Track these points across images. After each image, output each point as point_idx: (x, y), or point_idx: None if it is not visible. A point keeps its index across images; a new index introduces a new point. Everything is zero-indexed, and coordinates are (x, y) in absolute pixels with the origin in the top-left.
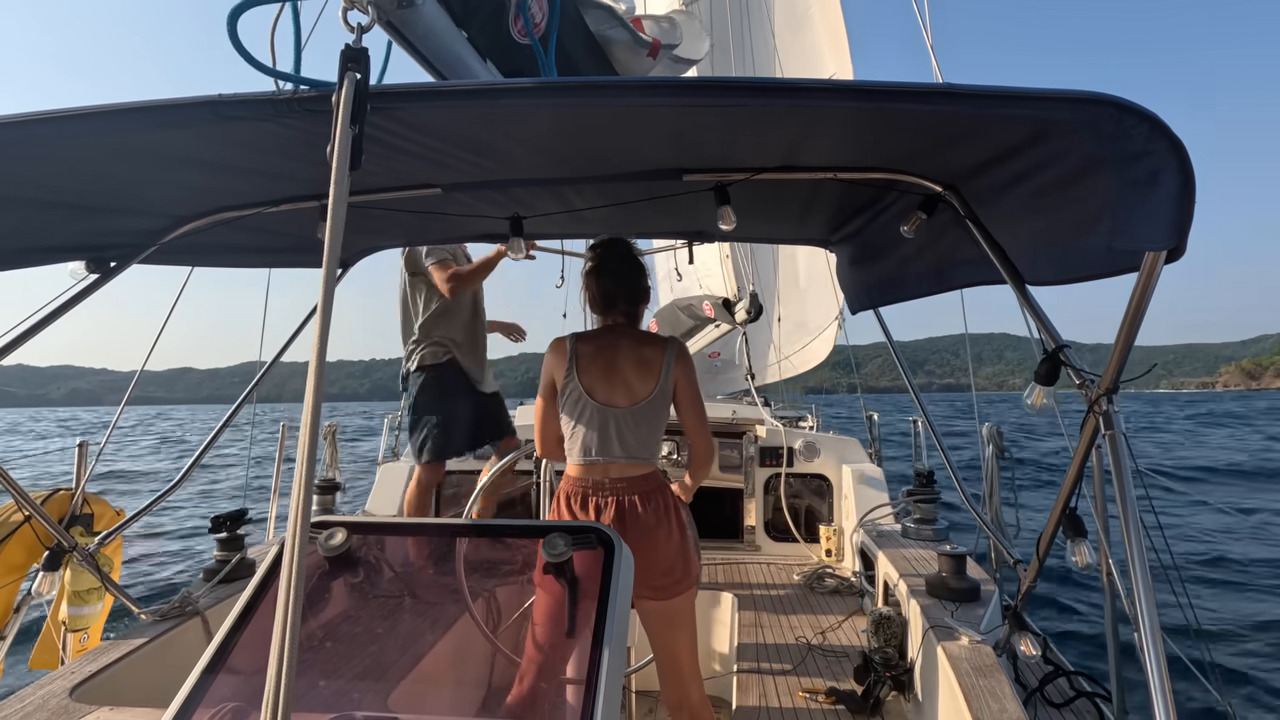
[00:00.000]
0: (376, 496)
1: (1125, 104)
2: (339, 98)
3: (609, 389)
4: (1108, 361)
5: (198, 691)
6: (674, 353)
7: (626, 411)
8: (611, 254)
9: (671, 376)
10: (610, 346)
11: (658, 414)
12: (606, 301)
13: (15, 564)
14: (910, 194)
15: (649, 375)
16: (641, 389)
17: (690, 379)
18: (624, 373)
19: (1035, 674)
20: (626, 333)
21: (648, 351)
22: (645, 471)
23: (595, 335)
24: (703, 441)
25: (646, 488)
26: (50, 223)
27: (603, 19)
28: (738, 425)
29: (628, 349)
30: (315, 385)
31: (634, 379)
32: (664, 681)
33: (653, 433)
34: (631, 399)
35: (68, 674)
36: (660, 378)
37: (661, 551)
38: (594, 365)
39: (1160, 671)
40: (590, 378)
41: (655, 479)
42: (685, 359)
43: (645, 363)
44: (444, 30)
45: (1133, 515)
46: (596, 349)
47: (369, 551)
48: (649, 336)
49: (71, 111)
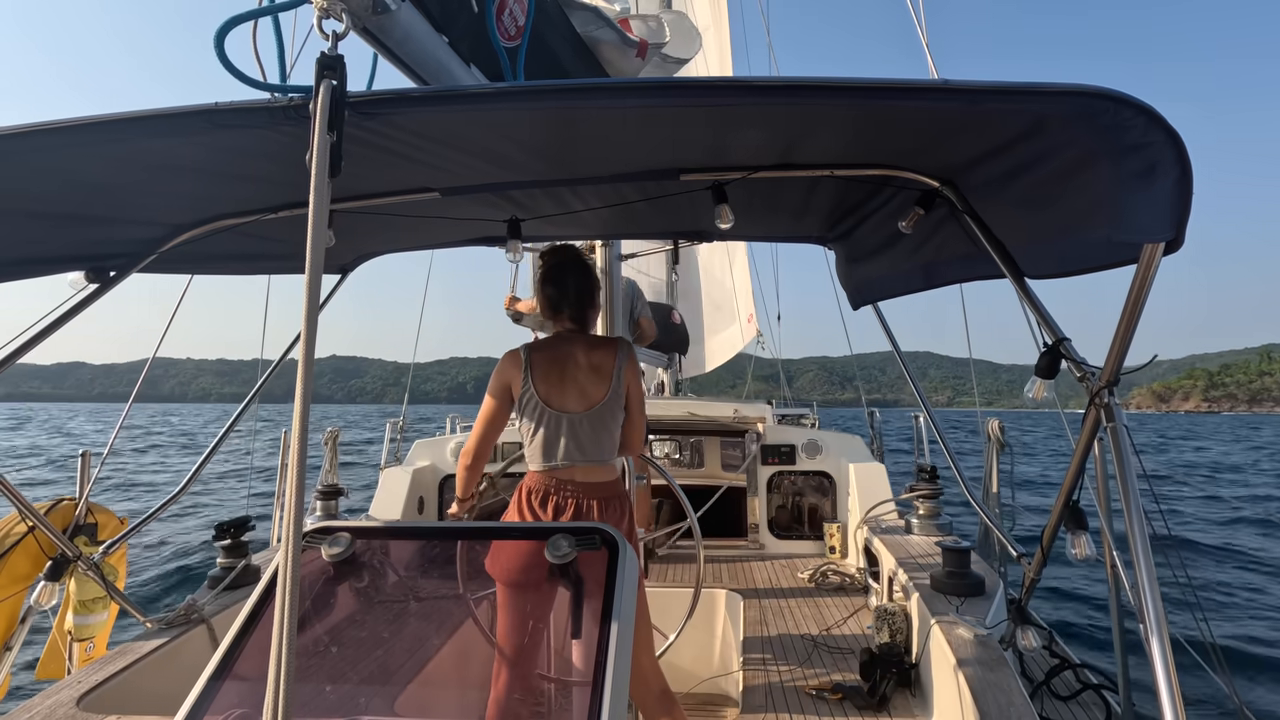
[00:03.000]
0: (379, 501)
1: (1122, 97)
2: (315, 105)
3: (563, 395)
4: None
5: (204, 699)
6: (624, 356)
7: (582, 416)
8: (559, 262)
9: (624, 379)
10: (563, 354)
11: (613, 416)
12: (554, 308)
13: (20, 574)
14: (908, 190)
15: (601, 380)
16: (596, 393)
17: (638, 380)
18: (577, 378)
19: (1041, 667)
20: (577, 339)
21: (598, 356)
22: (606, 478)
23: (548, 344)
24: (637, 440)
25: (605, 495)
26: (49, 233)
27: (589, 20)
28: (740, 423)
29: (580, 355)
30: (304, 391)
31: (587, 384)
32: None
33: (609, 434)
34: (586, 403)
35: (75, 683)
36: (613, 381)
37: None
38: (549, 373)
39: (1166, 662)
40: (546, 385)
41: (615, 486)
42: (634, 361)
43: (596, 368)
44: (423, 35)
45: (1135, 507)
46: (550, 357)
47: (372, 556)
48: (599, 341)
49: (68, 122)
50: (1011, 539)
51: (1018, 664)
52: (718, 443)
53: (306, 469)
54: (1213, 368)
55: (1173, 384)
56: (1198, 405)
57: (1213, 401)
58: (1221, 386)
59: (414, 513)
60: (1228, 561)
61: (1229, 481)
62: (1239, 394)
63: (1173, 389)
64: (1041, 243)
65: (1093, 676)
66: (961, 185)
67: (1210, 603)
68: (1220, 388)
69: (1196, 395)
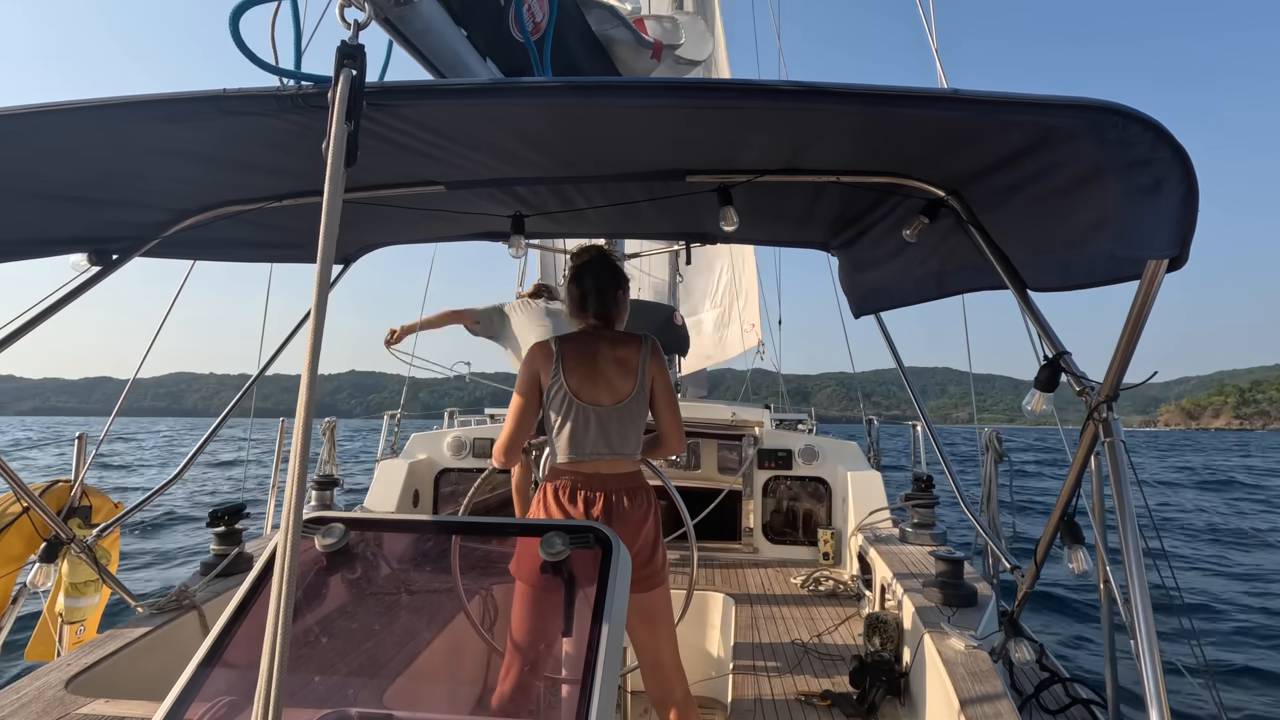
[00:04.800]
0: (375, 493)
1: (1130, 112)
2: (334, 94)
3: (594, 388)
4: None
5: (193, 685)
6: (649, 350)
7: (610, 410)
8: (589, 262)
9: (649, 374)
10: (591, 348)
11: (640, 410)
12: (582, 306)
13: (13, 555)
14: (913, 198)
15: (628, 374)
16: (623, 387)
17: (664, 374)
18: (606, 373)
19: (1031, 680)
20: (604, 334)
21: (624, 351)
22: (630, 469)
23: (577, 338)
24: (675, 435)
25: (632, 485)
26: (53, 215)
27: (604, 18)
28: (737, 427)
29: (606, 350)
30: (309, 381)
31: (615, 378)
32: (648, 679)
33: (635, 429)
34: (615, 397)
35: (64, 666)
36: (639, 375)
37: (643, 544)
38: (579, 366)
39: (1156, 679)
40: (576, 378)
41: (638, 477)
42: (659, 356)
43: (623, 362)
44: (442, 28)
45: (1130, 522)
46: (580, 351)
47: (366, 548)
48: (624, 337)
49: (75, 104)
50: (1006, 551)
51: (1008, 676)
52: (715, 445)
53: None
54: (1243, 384)
55: (1202, 401)
56: (1229, 422)
57: (1244, 419)
58: (1254, 403)
59: (409, 505)
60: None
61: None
62: (1272, 411)
63: (1202, 406)
64: (1045, 255)
65: (1083, 691)
66: (967, 195)
67: (1204, 618)
68: (1252, 404)
69: (1228, 412)
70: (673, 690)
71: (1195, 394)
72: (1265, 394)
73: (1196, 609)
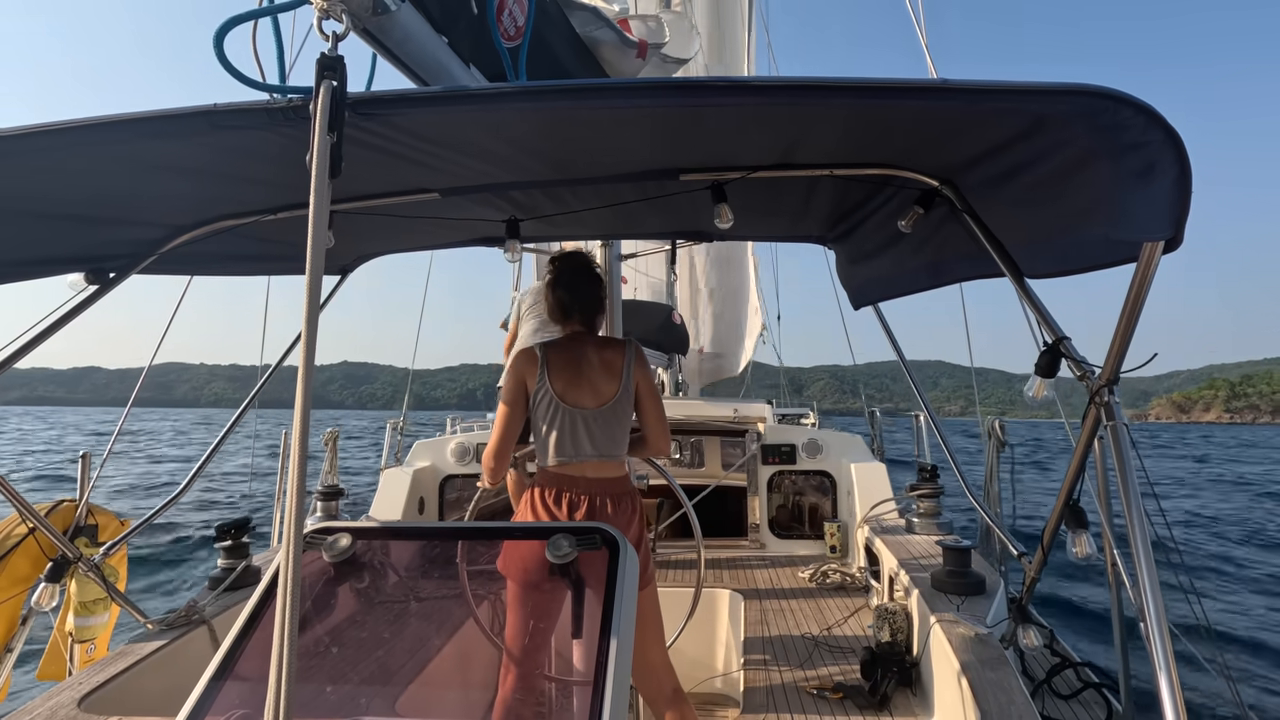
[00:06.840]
0: (379, 501)
1: (1121, 96)
2: (315, 106)
3: (579, 392)
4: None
5: (205, 700)
6: (633, 354)
7: (595, 412)
8: (568, 268)
9: (633, 377)
10: (576, 352)
11: (625, 412)
12: (564, 311)
13: (21, 576)
14: (907, 189)
15: (613, 377)
16: (607, 390)
17: (648, 377)
18: (590, 376)
19: (1042, 665)
20: (587, 339)
21: (609, 355)
22: (616, 474)
23: (562, 343)
24: (660, 435)
25: (617, 490)
26: (48, 235)
27: (588, 20)
28: (740, 423)
29: (591, 353)
30: (304, 392)
31: (600, 381)
32: (638, 678)
33: (622, 430)
34: (599, 400)
35: (76, 685)
36: (623, 378)
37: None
38: (564, 370)
39: (1167, 660)
40: (561, 382)
41: (625, 482)
42: (643, 359)
43: (608, 365)
44: (423, 36)
45: (1136, 505)
46: (565, 355)
47: (373, 556)
48: (608, 341)
49: (68, 124)
50: (1012, 537)
51: (1019, 663)
52: (718, 442)
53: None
54: (1233, 378)
55: (1193, 394)
56: (1219, 416)
57: (1235, 413)
58: (1244, 397)
59: (414, 513)
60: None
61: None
62: (1262, 405)
63: (1193, 399)
64: (1041, 242)
65: (1094, 675)
66: (961, 185)
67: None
68: (1243, 398)
69: (1218, 406)
70: (663, 686)
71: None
72: (1255, 388)
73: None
